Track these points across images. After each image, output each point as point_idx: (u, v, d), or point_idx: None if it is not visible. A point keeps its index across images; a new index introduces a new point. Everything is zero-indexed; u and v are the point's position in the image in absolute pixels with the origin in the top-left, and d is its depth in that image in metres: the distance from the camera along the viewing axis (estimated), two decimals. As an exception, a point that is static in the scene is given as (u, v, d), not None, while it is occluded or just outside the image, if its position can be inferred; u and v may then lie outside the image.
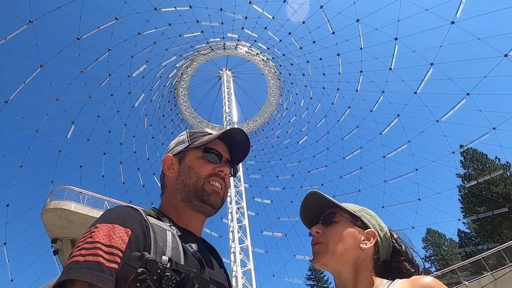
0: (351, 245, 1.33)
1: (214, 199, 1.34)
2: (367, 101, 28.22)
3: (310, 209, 1.51)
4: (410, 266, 1.36)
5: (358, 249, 1.33)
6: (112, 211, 1.08)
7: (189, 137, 1.47)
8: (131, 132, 32.27)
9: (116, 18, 22.31)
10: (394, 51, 23.56)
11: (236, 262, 19.46)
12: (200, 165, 1.37)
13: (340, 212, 1.43)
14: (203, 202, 1.32)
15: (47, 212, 18.55)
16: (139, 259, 0.87)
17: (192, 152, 1.41)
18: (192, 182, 1.33)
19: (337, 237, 1.35)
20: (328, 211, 1.45)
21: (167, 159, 1.44)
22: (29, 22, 17.82)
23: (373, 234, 1.37)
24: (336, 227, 1.38)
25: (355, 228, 1.38)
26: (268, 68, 35.55)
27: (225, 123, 29.47)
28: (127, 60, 26.49)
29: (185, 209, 1.33)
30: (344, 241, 1.33)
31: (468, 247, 37.30)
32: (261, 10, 26.73)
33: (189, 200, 1.32)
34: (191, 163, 1.38)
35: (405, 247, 1.43)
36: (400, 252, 1.41)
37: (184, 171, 1.37)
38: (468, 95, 21.84)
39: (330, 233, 1.37)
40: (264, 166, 38.46)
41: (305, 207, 1.53)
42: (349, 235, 1.36)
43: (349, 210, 1.44)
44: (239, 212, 22.47)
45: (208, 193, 1.33)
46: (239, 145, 1.51)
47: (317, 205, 1.49)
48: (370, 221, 1.43)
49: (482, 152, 40.28)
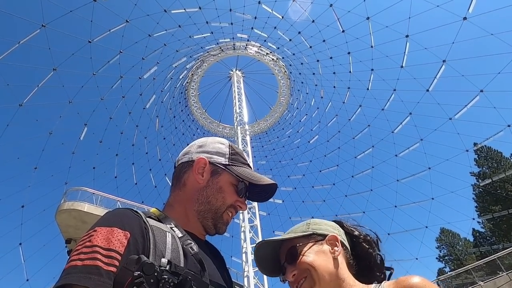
0: (326, 262, 1.28)
1: (223, 228, 1.37)
2: (379, 100, 27.91)
3: (268, 261, 1.45)
4: (369, 245, 1.39)
5: (332, 262, 1.29)
6: (111, 214, 1.09)
7: (231, 155, 1.44)
8: (143, 134, 32.49)
9: (126, 20, 22.49)
10: (406, 49, 23.25)
11: (248, 262, 19.44)
12: (230, 193, 1.37)
13: (294, 242, 1.36)
14: (214, 226, 1.35)
15: (61, 213, 18.84)
16: (136, 262, 0.87)
17: (228, 175, 1.39)
18: (217, 205, 1.34)
19: (313, 265, 1.27)
20: (286, 250, 1.38)
21: (202, 161, 1.38)
22: (41, 27, 18.04)
23: (334, 237, 1.35)
24: (304, 256, 1.31)
25: (318, 244, 1.34)
26: (278, 67, 35.45)
27: (235, 123, 29.50)
28: (138, 62, 26.69)
29: (194, 218, 1.34)
30: (320, 264, 1.27)
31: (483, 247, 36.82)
32: (270, 10, 26.68)
33: (204, 217, 1.33)
34: (224, 185, 1.37)
35: (355, 228, 1.45)
36: (355, 236, 1.42)
37: (214, 189, 1.36)
38: (482, 92, 21.42)
39: (303, 265, 1.29)
40: (275, 166, 38.47)
41: (261, 262, 1.47)
42: (319, 253, 1.31)
43: (300, 235, 1.38)
44: (251, 212, 22.45)
45: (223, 222, 1.36)
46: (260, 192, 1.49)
47: (269, 252, 1.43)
48: (321, 228, 1.40)
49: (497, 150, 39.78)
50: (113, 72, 25.53)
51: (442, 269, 42.04)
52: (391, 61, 24.67)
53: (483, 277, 20.36)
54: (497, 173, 35.43)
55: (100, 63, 23.99)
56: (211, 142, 1.48)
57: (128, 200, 22.96)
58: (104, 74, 24.79)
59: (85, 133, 25.52)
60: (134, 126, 30.92)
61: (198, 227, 1.35)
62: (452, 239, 43.11)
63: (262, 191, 1.48)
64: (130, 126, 30.58)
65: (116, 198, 21.89)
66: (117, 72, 25.65)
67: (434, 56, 22.25)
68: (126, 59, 25.49)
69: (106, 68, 24.53)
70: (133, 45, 25.19)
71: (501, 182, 36.23)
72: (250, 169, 1.46)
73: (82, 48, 21.53)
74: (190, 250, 1.09)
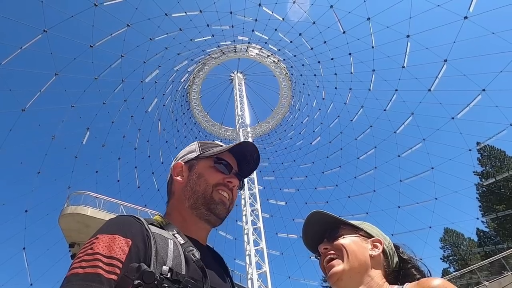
0: (361, 254, 1.34)
1: (220, 208, 1.34)
2: (380, 100, 27.97)
3: (313, 233, 1.51)
4: (417, 272, 1.37)
5: (368, 257, 1.34)
6: (113, 221, 1.09)
7: (200, 147, 1.47)
8: (145, 137, 32.66)
9: (127, 25, 22.60)
10: (407, 49, 23.30)
11: (251, 264, 19.38)
12: (210, 174, 1.38)
13: (343, 226, 1.44)
14: (210, 211, 1.32)
15: (64, 217, 18.91)
16: (136, 270, 0.86)
17: (203, 161, 1.42)
18: (201, 189, 1.34)
19: (348, 249, 1.34)
20: (331, 228, 1.46)
21: (177, 165, 1.44)
22: (43, 32, 18.17)
23: (378, 241, 1.40)
24: (343, 240, 1.38)
25: (361, 239, 1.40)
26: (280, 69, 35.52)
27: (237, 125, 29.55)
28: (140, 66, 26.84)
29: (191, 216, 1.33)
30: (355, 251, 1.34)
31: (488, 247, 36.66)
32: (270, 12, 26.77)
33: (196, 208, 1.33)
34: (201, 170, 1.39)
35: (409, 257, 1.45)
36: (406, 261, 1.42)
37: (194, 178, 1.37)
38: (484, 91, 21.40)
39: (339, 245, 1.37)
40: (277, 168, 38.53)
41: (308, 230, 1.52)
42: (357, 244, 1.37)
43: (351, 223, 1.46)
44: (254, 214, 22.46)
45: (216, 202, 1.33)
46: (248, 159, 1.51)
47: (317, 228, 1.49)
48: (372, 231, 1.45)
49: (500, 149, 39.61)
50: (115, 76, 25.75)
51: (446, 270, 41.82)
52: (393, 61, 24.75)
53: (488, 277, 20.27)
54: (500, 172, 35.31)
55: (102, 67, 24.20)
56: (183, 150, 1.54)
57: (131, 203, 22.99)
58: (106, 78, 25.01)
59: (87, 137, 25.79)
60: (136, 129, 31.12)
61: (199, 229, 1.35)
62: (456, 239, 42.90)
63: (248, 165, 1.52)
64: (133, 129, 30.77)
65: (119, 201, 21.94)
66: (119, 76, 25.85)
67: (436, 55, 22.30)
68: (128, 63, 25.72)
69: (108, 72, 24.76)
70: (134, 49, 25.35)
71: (505, 181, 36.09)
72: (222, 146, 1.48)
73: (84, 52, 21.73)
74: (192, 257, 1.09)
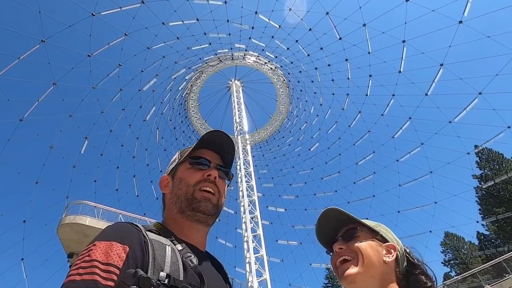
0: (376, 259, 1.33)
1: (204, 205, 1.34)
2: (378, 105, 28.02)
3: (328, 228, 1.50)
4: (427, 279, 1.36)
5: (382, 263, 1.33)
6: (111, 228, 1.09)
7: (179, 154, 1.51)
8: (143, 146, 32.60)
9: (125, 34, 22.70)
10: (403, 54, 23.46)
11: (251, 272, 19.25)
12: (189, 175, 1.40)
13: (360, 227, 1.42)
14: (194, 210, 1.33)
15: (62, 227, 18.80)
16: (133, 276, 0.88)
17: (181, 166, 1.45)
18: (183, 192, 1.36)
19: (364, 253, 1.33)
20: (347, 227, 1.44)
21: (163, 179, 1.48)
22: (41, 42, 18.24)
23: (393, 247, 1.38)
24: (360, 244, 1.37)
25: (376, 242, 1.38)
26: (277, 76, 35.62)
27: (235, 133, 29.53)
28: (137, 75, 26.92)
29: (183, 221, 1.34)
30: (370, 256, 1.32)
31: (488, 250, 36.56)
32: (267, 19, 26.92)
33: (183, 211, 1.34)
34: (181, 175, 1.42)
35: (418, 261, 1.44)
36: (415, 266, 1.41)
37: (176, 184, 1.41)
38: (481, 94, 21.52)
39: (355, 248, 1.36)
40: (276, 175, 38.47)
41: (322, 225, 1.51)
42: (373, 249, 1.35)
43: (368, 225, 1.43)
44: (253, 221, 22.35)
45: (198, 200, 1.34)
46: (226, 149, 1.52)
47: (332, 224, 1.48)
48: (387, 235, 1.44)
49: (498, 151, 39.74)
50: (113, 85, 25.79)
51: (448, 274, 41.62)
52: (389, 66, 24.89)
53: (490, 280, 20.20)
54: (499, 175, 35.32)
55: (99, 77, 24.26)
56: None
57: (129, 212, 22.96)
58: (103, 88, 25.02)
59: (85, 147, 25.71)
60: (134, 138, 31.08)
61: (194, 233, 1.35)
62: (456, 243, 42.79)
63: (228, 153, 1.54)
64: (131, 138, 30.74)
65: (117, 211, 21.88)
66: (117, 85, 25.90)
67: (432, 60, 22.44)
68: (126, 72, 25.75)
69: (106, 82, 24.79)
70: (132, 58, 25.45)
71: (504, 183, 36.11)
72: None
73: (81, 62, 21.77)
74: (189, 263, 1.10)
